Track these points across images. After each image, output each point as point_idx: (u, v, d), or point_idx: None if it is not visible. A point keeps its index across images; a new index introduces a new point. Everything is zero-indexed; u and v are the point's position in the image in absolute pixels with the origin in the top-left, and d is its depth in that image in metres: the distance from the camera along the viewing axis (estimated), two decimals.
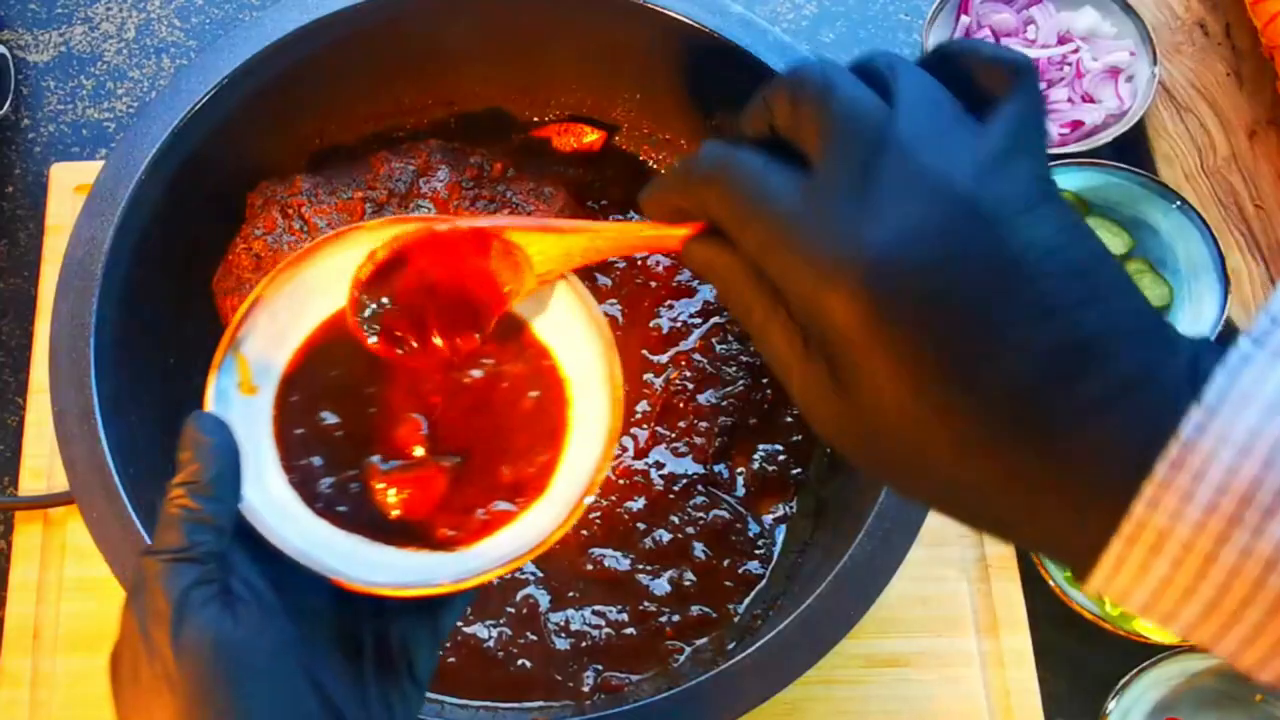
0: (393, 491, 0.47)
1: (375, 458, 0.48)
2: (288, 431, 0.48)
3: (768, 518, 0.72)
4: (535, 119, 0.80)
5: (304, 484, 0.47)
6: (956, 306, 0.30)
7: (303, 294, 0.49)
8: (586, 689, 0.67)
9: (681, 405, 0.74)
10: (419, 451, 0.48)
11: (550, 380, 0.49)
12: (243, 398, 0.47)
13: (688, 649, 0.68)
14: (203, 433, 0.43)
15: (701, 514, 0.72)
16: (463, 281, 0.46)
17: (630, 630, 0.68)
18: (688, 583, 0.70)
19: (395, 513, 0.47)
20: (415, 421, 0.49)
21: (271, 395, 0.48)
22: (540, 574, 0.69)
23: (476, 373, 0.50)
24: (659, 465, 0.68)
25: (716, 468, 0.73)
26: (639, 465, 0.71)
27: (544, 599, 0.68)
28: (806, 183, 0.33)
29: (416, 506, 0.47)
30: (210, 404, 0.46)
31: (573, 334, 0.49)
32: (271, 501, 0.45)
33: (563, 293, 0.48)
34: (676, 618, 0.69)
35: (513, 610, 0.68)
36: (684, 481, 0.72)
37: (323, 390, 0.49)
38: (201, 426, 0.43)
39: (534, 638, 0.68)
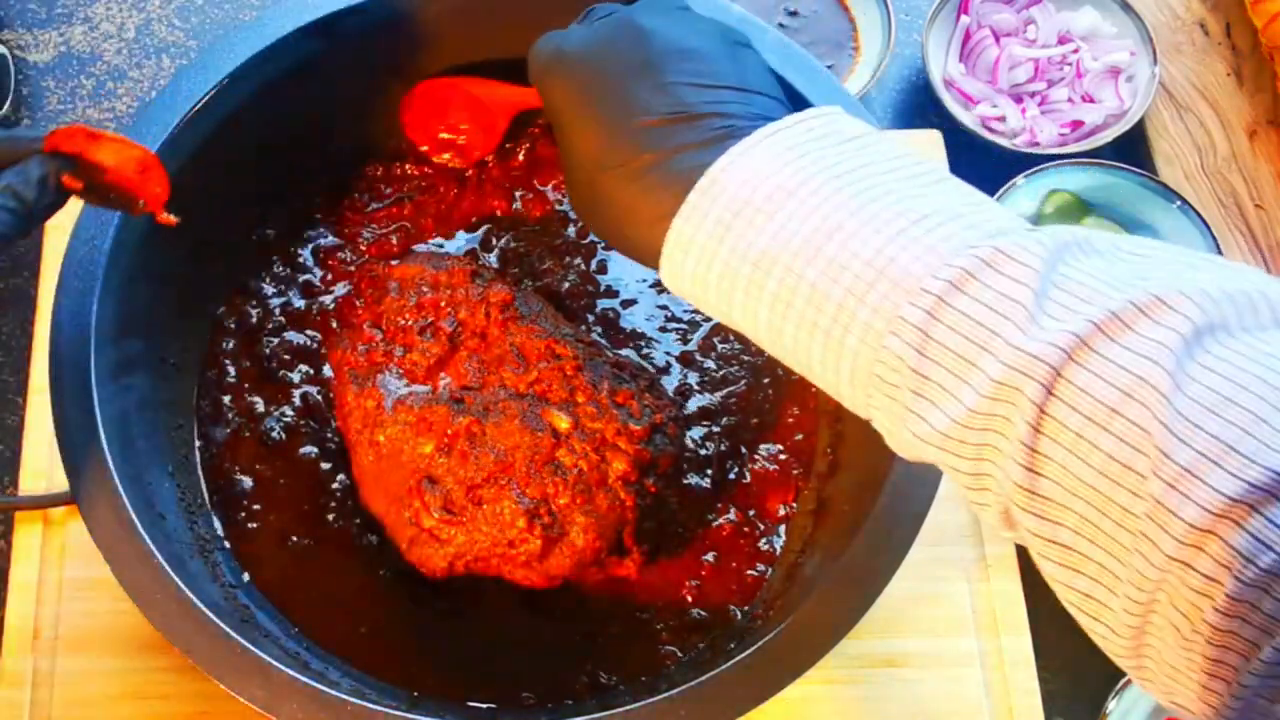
0: None
1: None
2: None
3: (769, 518, 0.72)
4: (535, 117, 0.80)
5: None
6: (608, 77, 0.50)
7: None
8: (582, 690, 0.67)
9: (683, 404, 0.74)
10: None
11: None
12: None
13: (687, 651, 0.68)
14: None
15: (702, 513, 0.72)
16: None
17: (627, 631, 0.68)
18: (687, 584, 0.70)
19: None
20: None
21: None
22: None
23: None
24: (659, 465, 0.68)
25: (716, 467, 0.73)
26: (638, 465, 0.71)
27: (539, 599, 0.68)
28: None
29: None
30: None
31: None
32: None
33: None
34: (674, 620, 0.69)
35: (509, 610, 0.68)
36: (685, 482, 0.72)
37: None
38: None
39: (529, 638, 0.68)
